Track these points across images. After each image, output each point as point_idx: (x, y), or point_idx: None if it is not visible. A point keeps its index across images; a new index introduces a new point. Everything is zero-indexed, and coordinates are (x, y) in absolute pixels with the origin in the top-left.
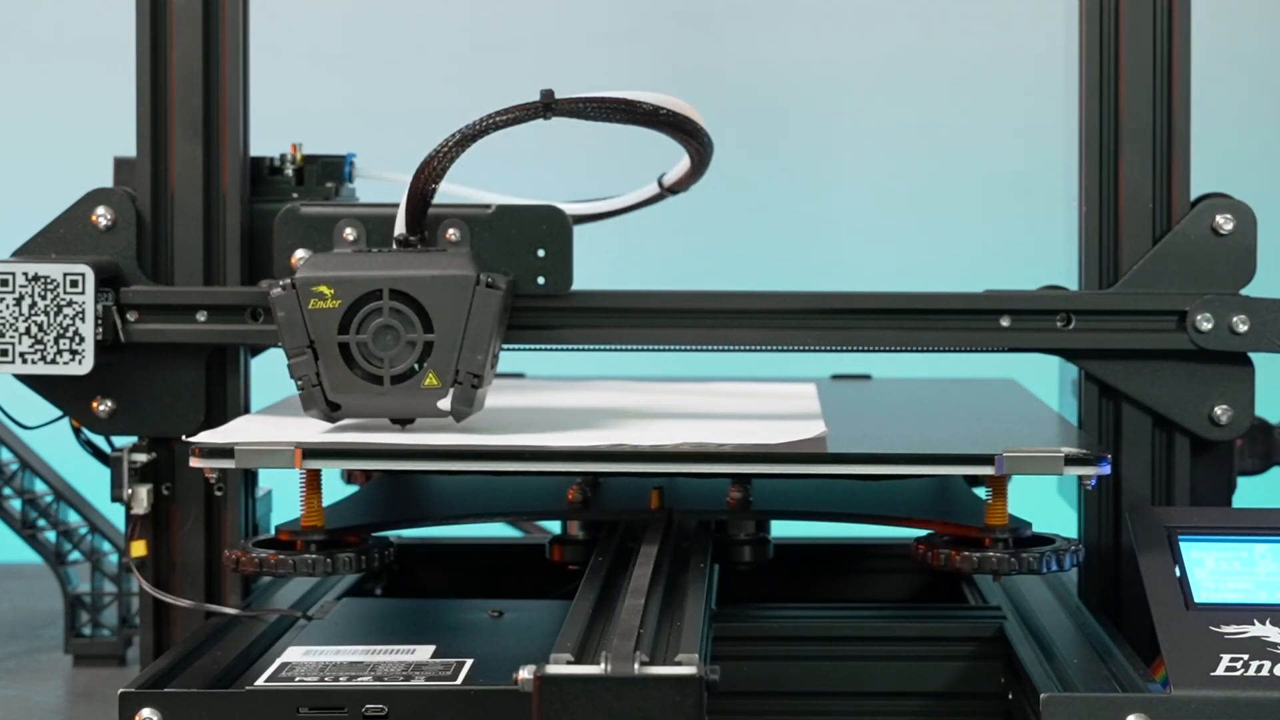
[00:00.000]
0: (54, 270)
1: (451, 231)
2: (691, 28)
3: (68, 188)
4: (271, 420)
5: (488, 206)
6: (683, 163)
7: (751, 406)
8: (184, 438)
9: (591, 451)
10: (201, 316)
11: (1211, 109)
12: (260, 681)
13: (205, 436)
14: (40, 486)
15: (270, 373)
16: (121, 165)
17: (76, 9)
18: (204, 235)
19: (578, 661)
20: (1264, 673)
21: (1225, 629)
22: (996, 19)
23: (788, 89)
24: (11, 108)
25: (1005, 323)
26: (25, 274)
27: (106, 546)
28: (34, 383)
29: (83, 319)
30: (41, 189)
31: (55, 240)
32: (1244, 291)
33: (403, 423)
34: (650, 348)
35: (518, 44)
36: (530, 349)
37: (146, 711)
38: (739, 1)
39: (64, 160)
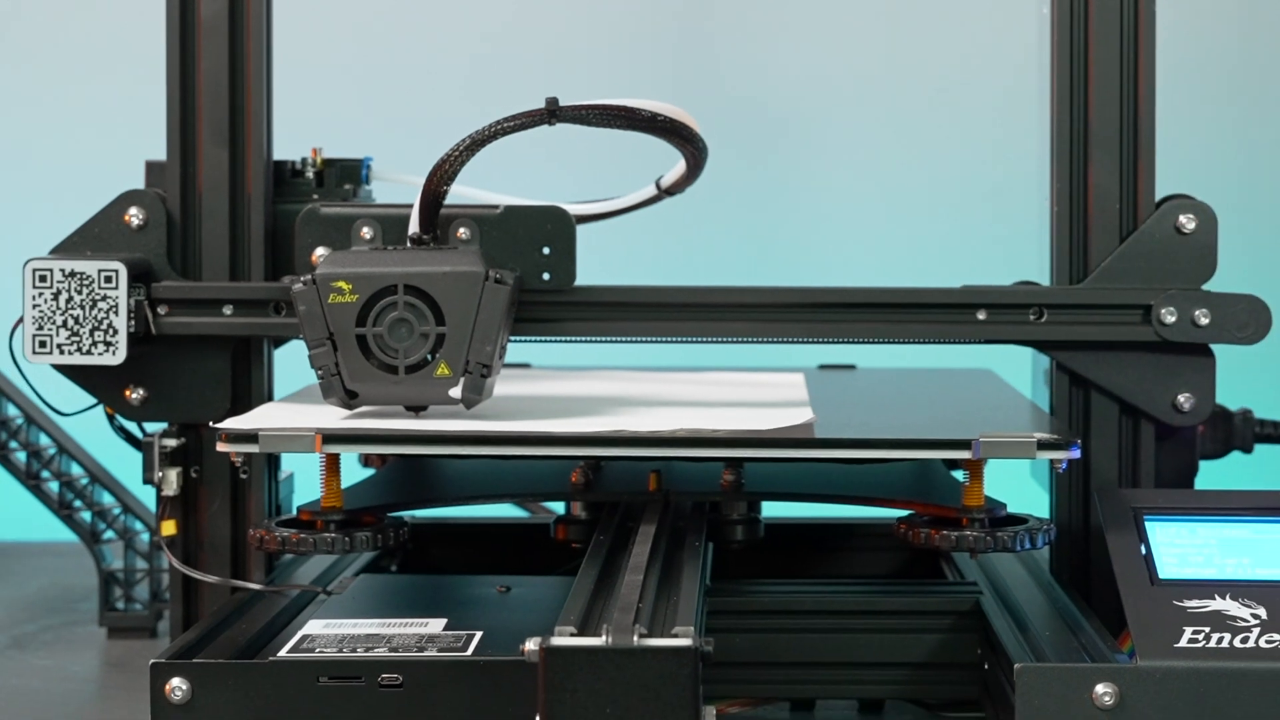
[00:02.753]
0: (89, 267)
1: (462, 230)
2: (688, 40)
3: (102, 189)
4: (293, 407)
5: (496, 207)
6: (679, 166)
7: (743, 395)
8: (211, 424)
9: (593, 437)
10: (228, 310)
11: (1175, 117)
12: (283, 653)
13: (231, 423)
14: (76, 469)
15: (292, 363)
16: (153, 168)
17: (111, 22)
18: (230, 234)
19: (581, 634)
20: (1224, 644)
21: (1188, 603)
22: (974, 34)
23: (778, 98)
24: (50, 114)
25: (981, 316)
26: (63, 270)
27: (138, 526)
28: (71, 372)
29: (116, 313)
30: (77, 190)
31: (91, 239)
32: (1205, 287)
33: (416, 410)
34: (649, 339)
35: (525, 55)
36: (536, 341)
37: (176, 680)
38: (733, 16)
39: (99, 163)
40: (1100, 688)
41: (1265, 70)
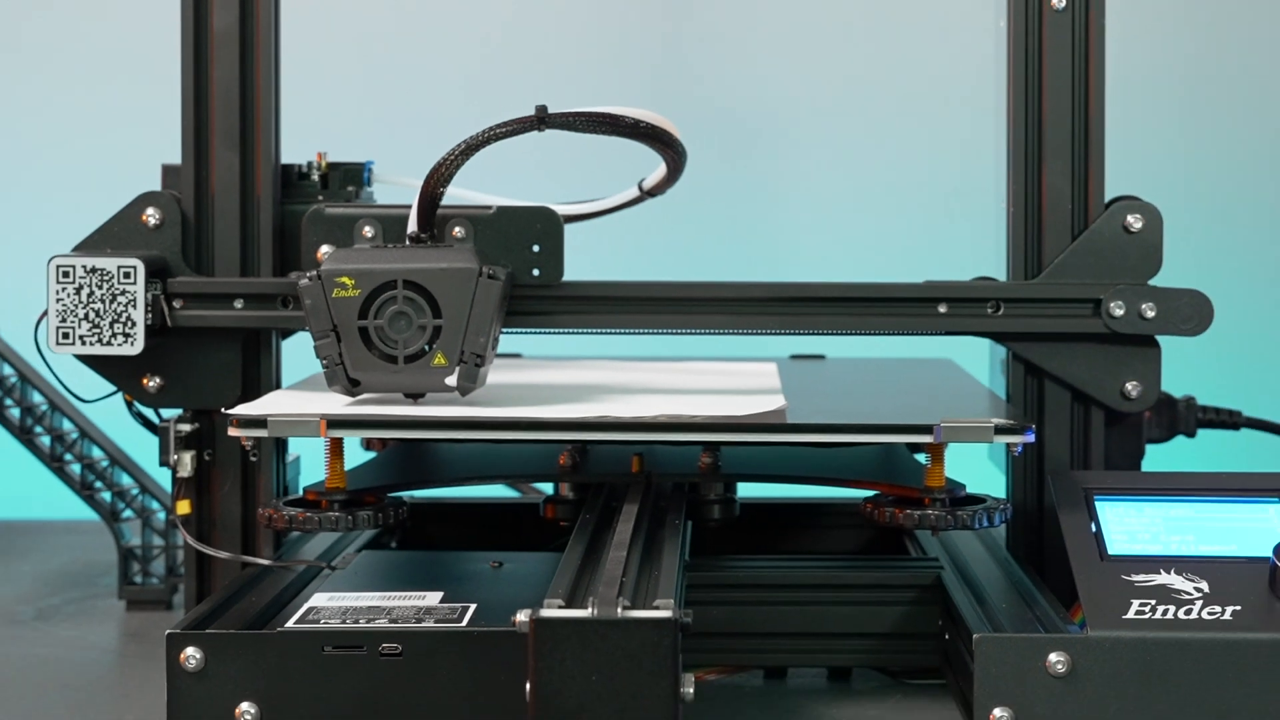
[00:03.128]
0: (109, 263)
1: (457, 229)
2: (669, 52)
3: (121, 191)
4: (300, 395)
5: (489, 207)
6: (660, 169)
7: (720, 383)
8: (223, 410)
9: (580, 422)
10: (238, 304)
11: (1123, 124)
12: (290, 623)
13: (241, 409)
14: (97, 453)
15: (298, 353)
16: (168, 171)
17: (130, 35)
18: (240, 233)
19: (568, 606)
20: (1169, 616)
21: (1135, 578)
22: (936, 46)
23: (753, 106)
24: (72, 121)
25: (942, 310)
26: (84, 267)
27: (155, 505)
28: (92, 362)
29: (134, 306)
30: (98, 192)
31: (110, 237)
32: (1152, 282)
33: (415, 397)
34: (632, 331)
35: (516, 67)
36: (526, 332)
37: (190, 650)
38: (711, 29)
39: (118, 167)
40: (1053, 656)
41: (1208, 81)
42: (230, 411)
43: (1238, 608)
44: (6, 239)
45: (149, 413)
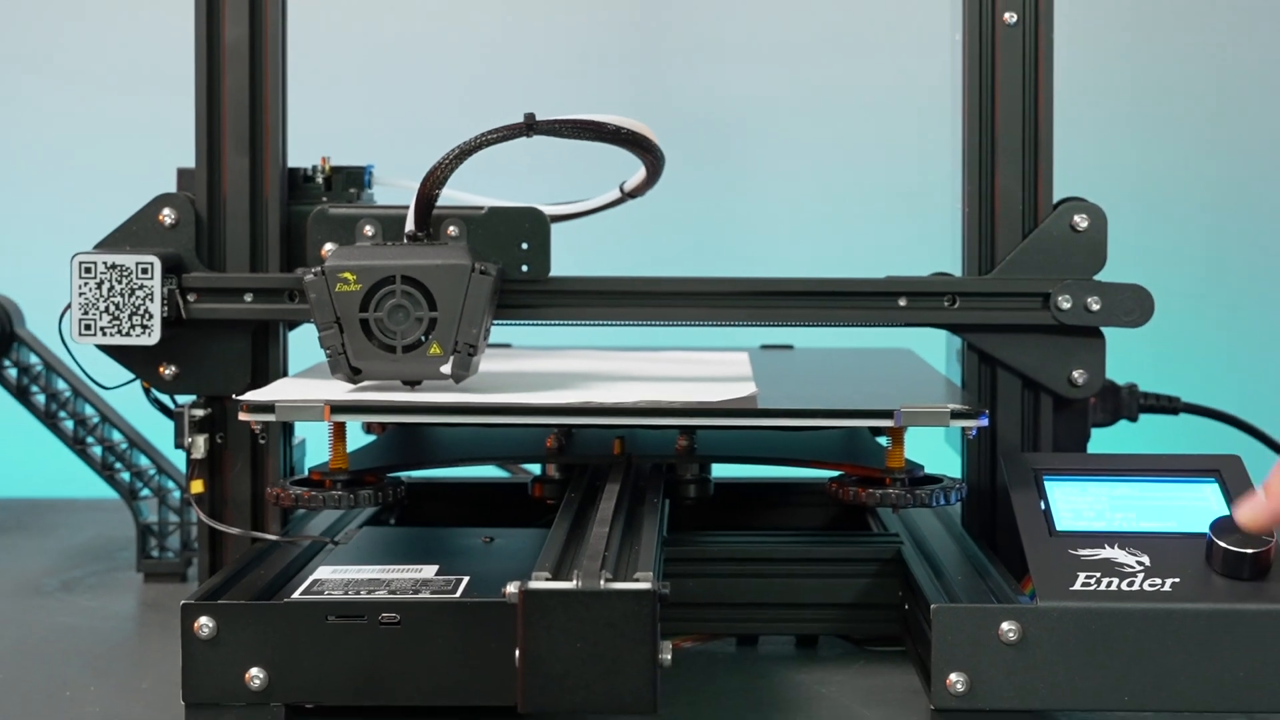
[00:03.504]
0: (128, 260)
1: (451, 228)
2: (647, 66)
3: (139, 193)
4: (305, 382)
5: (481, 208)
6: (640, 173)
7: (696, 371)
8: (234, 396)
9: (565, 407)
10: (248, 298)
11: (1071, 129)
12: (296, 595)
13: (251, 395)
14: (117, 436)
15: (304, 344)
16: (183, 174)
17: (146, 47)
18: (250, 232)
19: (555, 578)
20: (1113, 588)
21: (1081, 552)
22: (895, 58)
23: (726, 114)
24: (93, 127)
25: (902, 303)
26: (105, 263)
27: (171, 485)
28: (112, 351)
29: (152, 300)
30: (117, 194)
31: (129, 235)
32: (1097, 277)
33: (412, 384)
34: (614, 323)
35: (507, 77)
36: (516, 324)
37: (203, 619)
38: (686, 45)
39: (136, 170)
40: (1005, 625)
41: (1150, 91)
42: (240, 398)
43: (1177, 580)
44: (32, 238)
45: (165, 399)
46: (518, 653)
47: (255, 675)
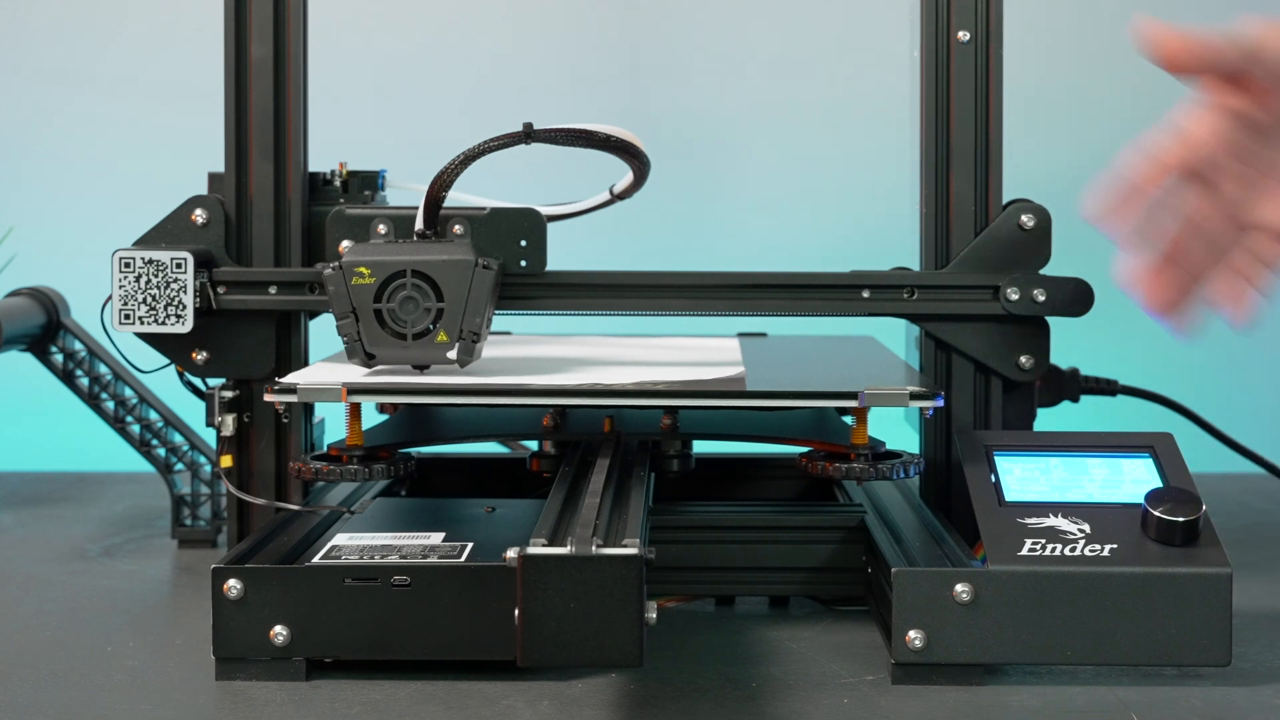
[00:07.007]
0: (164, 256)
1: (457, 227)
2: (635, 80)
3: (173, 195)
4: (324, 367)
5: (484, 209)
6: (628, 177)
7: (689, 356)
8: (260, 379)
9: (561, 389)
10: (273, 290)
11: (1019, 136)
12: (316, 559)
13: (277, 379)
14: (154, 415)
15: (324, 332)
16: (214, 178)
17: (183, 66)
18: (274, 230)
19: (551, 545)
20: (1057, 553)
21: (1028, 520)
22: (856, 69)
23: (706, 123)
24: (133, 137)
25: (866, 295)
26: (143, 259)
27: (202, 460)
28: (149, 339)
29: (185, 292)
30: (154, 196)
31: (165, 234)
32: (1042, 271)
33: (421, 368)
34: (606, 313)
35: (507, 91)
36: (515, 314)
37: (232, 581)
38: (668, 62)
39: (171, 175)
40: (959, 586)
41: (1090, 101)
42: (266, 381)
43: (1115, 546)
44: (78, 237)
45: (197, 381)
46: (517, 612)
47: (279, 632)
